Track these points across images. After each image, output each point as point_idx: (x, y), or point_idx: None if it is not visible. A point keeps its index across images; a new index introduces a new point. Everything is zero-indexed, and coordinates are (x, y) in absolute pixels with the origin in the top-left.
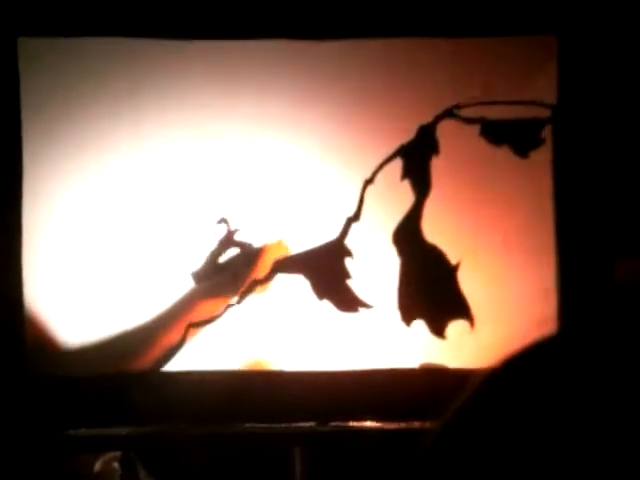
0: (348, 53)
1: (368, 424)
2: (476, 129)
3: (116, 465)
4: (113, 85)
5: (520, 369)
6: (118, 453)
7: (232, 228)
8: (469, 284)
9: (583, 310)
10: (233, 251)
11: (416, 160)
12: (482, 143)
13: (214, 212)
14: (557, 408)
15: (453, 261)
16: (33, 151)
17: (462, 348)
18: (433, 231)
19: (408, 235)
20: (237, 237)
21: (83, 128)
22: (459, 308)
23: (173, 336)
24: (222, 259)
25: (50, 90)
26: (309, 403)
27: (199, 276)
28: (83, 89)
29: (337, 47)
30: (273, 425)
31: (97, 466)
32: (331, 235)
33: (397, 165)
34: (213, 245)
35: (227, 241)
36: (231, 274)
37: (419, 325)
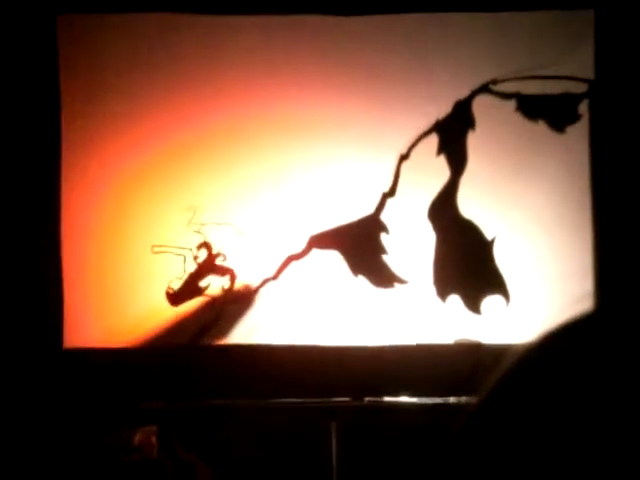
0: (384, 28)
1: (403, 399)
2: (512, 104)
3: (154, 439)
4: (150, 60)
5: (557, 346)
6: (155, 427)
7: (214, 252)
8: (505, 260)
9: (621, 287)
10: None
11: (452, 135)
12: (518, 118)
13: (244, 184)
14: (594, 385)
15: (489, 237)
16: (71, 127)
17: (497, 324)
18: (469, 206)
19: (444, 210)
20: (219, 261)
21: (121, 103)
22: (495, 283)
23: (210, 310)
24: (201, 283)
25: (88, 66)
26: (345, 378)
27: (175, 297)
28: (121, 65)
29: (373, 22)
30: (310, 400)
31: (135, 439)
32: (367, 210)
33: (433, 140)
34: (193, 268)
35: (207, 266)
36: (209, 298)
37: (454, 301)
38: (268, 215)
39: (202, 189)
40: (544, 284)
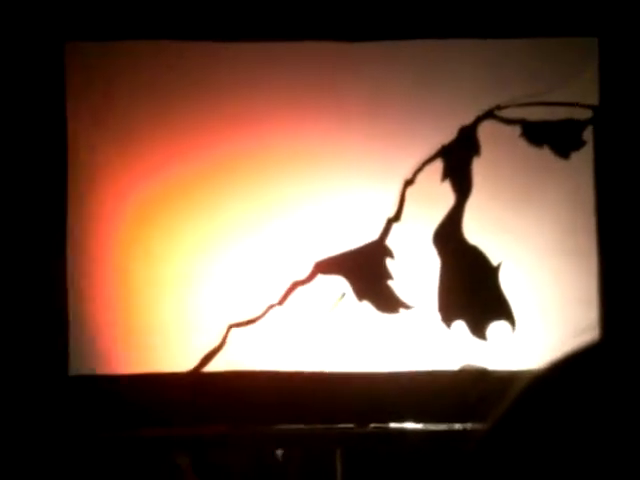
0: (390, 54)
1: (409, 426)
2: (517, 130)
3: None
4: (159, 89)
5: (566, 374)
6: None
7: None
8: (509, 287)
9: (627, 316)
10: None
11: (457, 161)
12: (523, 144)
13: (250, 211)
14: (602, 414)
15: (494, 263)
16: (78, 154)
17: (503, 351)
18: (474, 232)
19: (449, 236)
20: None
21: (129, 133)
22: (500, 310)
23: (214, 337)
24: None
25: (96, 94)
26: (350, 404)
27: None
28: (129, 93)
29: (375, 49)
30: (314, 426)
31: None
32: (372, 236)
33: (438, 166)
34: None
35: None
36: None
37: (460, 327)
38: (274, 244)
39: (208, 218)
40: (549, 312)
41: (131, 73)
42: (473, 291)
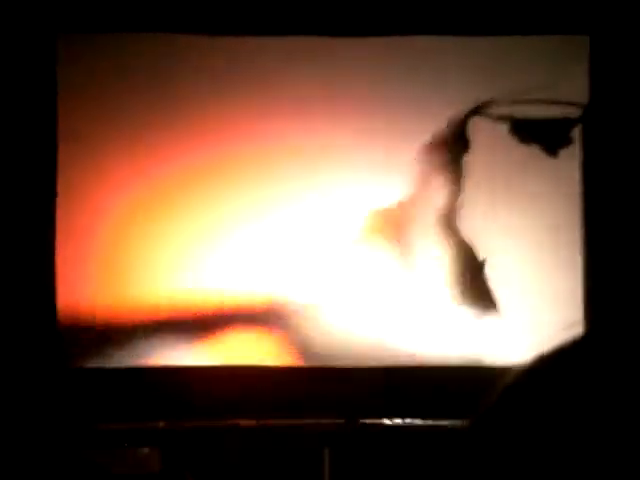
0: (385, 50)
1: (397, 421)
2: (506, 127)
3: (156, 456)
4: (148, 80)
5: (552, 367)
6: (157, 448)
7: None
8: (497, 281)
9: (611, 312)
10: None
11: (447, 156)
12: (512, 141)
13: (257, 201)
14: (587, 404)
15: (481, 257)
16: (68, 143)
17: (495, 347)
18: (463, 227)
19: (440, 230)
20: None
21: (118, 123)
22: (487, 302)
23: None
24: None
25: (87, 86)
26: (339, 400)
27: None
28: (118, 84)
29: (370, 45)
30: (303, 421)
31: (137, 455)
32: (362, 229)
33: (428, 160)
34: None
35: None
36: None
37: (450, 322)
38: (274, 234)
39: (209, 209)
40: (535, 308)
41: (121, 65)
42: (462, 284)
